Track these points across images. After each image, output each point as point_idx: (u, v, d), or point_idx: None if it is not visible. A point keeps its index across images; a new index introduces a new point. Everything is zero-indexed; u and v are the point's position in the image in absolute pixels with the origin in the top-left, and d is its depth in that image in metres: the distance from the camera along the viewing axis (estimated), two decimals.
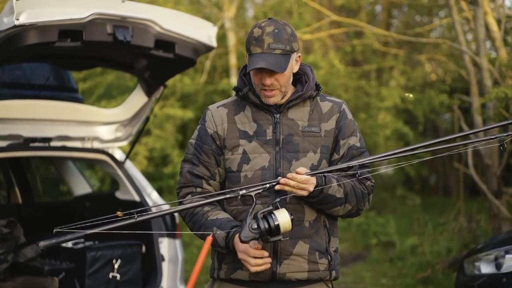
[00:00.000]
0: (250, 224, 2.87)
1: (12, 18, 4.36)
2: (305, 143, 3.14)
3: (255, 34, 3.06)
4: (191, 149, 3.26)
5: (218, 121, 3.21)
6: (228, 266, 3.16)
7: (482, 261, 5.15)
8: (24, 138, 5.66)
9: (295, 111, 3.19)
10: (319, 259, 3.14)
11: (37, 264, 5.66)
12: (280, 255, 3.09)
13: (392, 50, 14.14)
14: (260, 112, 3.19)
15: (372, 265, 9.71)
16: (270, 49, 3.03)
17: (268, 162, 3.11)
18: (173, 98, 13.00)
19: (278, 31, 3.05)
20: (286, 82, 3.12)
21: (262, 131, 3.15)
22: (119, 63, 5.81)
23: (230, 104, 3.26)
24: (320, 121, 3.19)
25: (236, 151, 3.16)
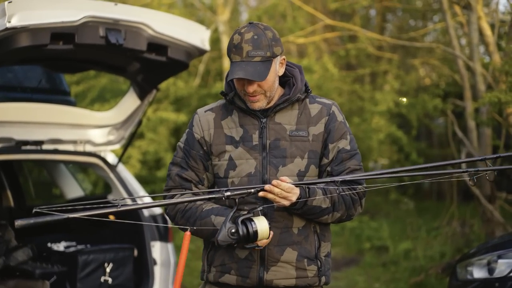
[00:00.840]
0: (229, 229, 2.85)
1: (3, 20, 4.34)
2: (292, 148, 3.09)
3: (234, 41, 3.02)
4: (180, 153, 3.23)
5: (205, 126, 3.18)
6: (217, 269, 3.15)
7: (474, 265, 5.13)
8: (16, 141, 5.64)
9: (282, 115, 3.14)
10: (308, 266, 3.12)
11: (28, 267, 5.64)
12: (267, 262, 3.07)
13: (386, 54, 14.15)
14: (247, 117, 3.15)
15: (365, 270, 9.70)
16: (249, 57, 2.98)
17: (254, 168, 3.08)
18: (166, 101, 12.99)
19: (258, 37, 3.01)
20: (270, 87, 3.07)
21: (248, 136, 3.12)
22: (112, 66, 5.79)
23: (218, 109, 3.23)
24: (309, 124, 3.14)
25: (223, 157, 3.13)
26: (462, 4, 8.14)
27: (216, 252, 3.15)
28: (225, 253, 3.10)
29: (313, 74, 12.94)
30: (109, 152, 6.36)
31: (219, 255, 3.12)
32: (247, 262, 3.07)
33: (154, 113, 12.44)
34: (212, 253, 3.17)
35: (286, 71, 3.20)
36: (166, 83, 12.35)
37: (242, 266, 3.08)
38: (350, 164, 3.14)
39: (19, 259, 5.70)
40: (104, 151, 6.30)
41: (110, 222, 6.31)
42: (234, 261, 3.10)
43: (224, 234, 2.86)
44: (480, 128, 8.40)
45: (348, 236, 11.92)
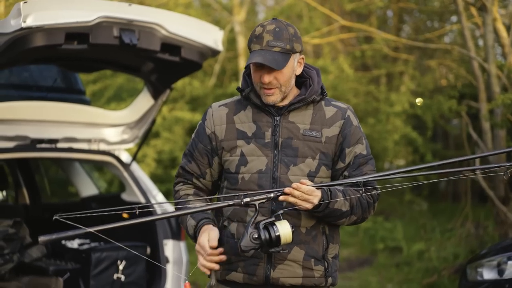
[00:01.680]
0: (251, 234, 2.86)
1: (19, 20, 4.40)
2: (305, 148, 3.09)
3: (256, 32, 3.06)
4: (190, 143, 3.30)
5: (217, 121, 3.19)
6: (223, 267, 3.15)
7: (484, 267, 5.14)
8: (31, 139, 5.70)
9: (296, 114, 3.14)
10: (315, 265, 3.12)
11: (42, 264, 5.70)
12: (274, 260, 3.07)
13: (403, 55, 14.13)
14: (261, 114, 3.15)
15: (379, 270, 9.71)
16: (268, 46, 3.01)
17: (265, 166, 3.08)
18: (182, 101, 13.05)
19: (279, 30, 3.04)
20: (286, 82, 3.08)
21: (261, 133, 3.12)
22: (126, 66, 5.84)
23: (232, 104, 3.24)
24: (322, 126, 3.13)
25: (234, 153, 3.13)
26: (477, 6, 8.12)
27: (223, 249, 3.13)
28: (232, 250, 3.10)
29: (328, 75, 12.95)
30: (123, 151, 6.41)
31: (226, 252, 3.12)
32: (254, 260, 3.08)
33: (170, 112, 12.51)
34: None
35: (303, 72, 3.21)
36: (182, 82, 12.42)
37: (249, 264, 3.09)
38: (366, 169, 3.15)
39: (33, 256, 5.77)
40: (118, 150, 6.35)
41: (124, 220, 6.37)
42: (241, 259, 3.10)
43: (246, 239, 2.87)
44: (495, 130, 8.38)
45: (362, 236, 11.93)
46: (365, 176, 3.09)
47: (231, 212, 3.13)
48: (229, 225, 3.13)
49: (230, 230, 3.13)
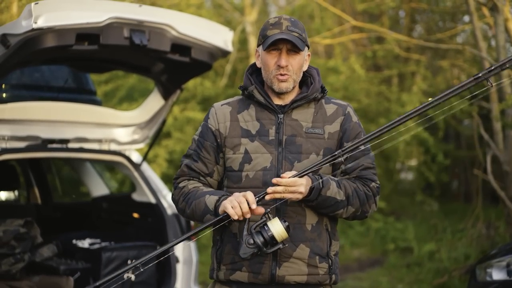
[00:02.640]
0: (246, 240, 2.89)
1: (30, 21, 4.43)
2: (308, 145, 3.12)
3: (271, 22, 3.13)
4: (193, 145, 3.28)
5: (221, 119, 3.21)
6: (227, 267, 3.16)
7: (494, 267, 5.13)
8: (42, 139, 5.74)
9: (299, 112, 3.18)
10: (319, 263, 3.13)
11: (53, 263, 5.74)
12: (280, 258, 3.08)
13: (414, 56, 14.09)
14: (264, 112, 3.18)
15: (389, 271, 9.70)
16: (288, 30, 3.07)
17: (270, 163, 3.10)
18: (193, 101, 13.07)
19: (294, 20, 3.13)
20: (299, 70, 3.14)
21: (265, 131, 3.15)
22: (136, 67, 5.87)
23: (234, 103, 3.26)
24: (324, 123, 3.18)
25: (238, 150, 3.15)
26: (489, 6, 8.11)
27: (224, 250, 3.17)
28: (235, 250, 3.11)
29: (340, 75, 12.94)
30: (133, 151, 6.44)
31: (229, 252, 3.14)
32: (259, 258, 3.07)
33: (181, 112, 12.53)
34: (221, 251, 3.18)
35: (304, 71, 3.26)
36: (193, 83, 12.44)
37: (254, 262, 3.09)
38: (363, 161, 3.19)
39: (44, 255, 5.80)
40: (129, 150, 6.38)
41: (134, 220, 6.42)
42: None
43: (243, 247, 2.90)
44: (506, 130, 8.36)
45: (373, 237, 11.92)
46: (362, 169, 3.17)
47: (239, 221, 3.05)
48: (230, 224, 3.11)
49: (231, 229, 3.14)
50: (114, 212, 6.82)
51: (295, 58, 3.11)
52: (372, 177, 3.20)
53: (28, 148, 5.69)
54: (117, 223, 6.68)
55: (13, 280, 5.52)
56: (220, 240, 3.19)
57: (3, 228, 5.61)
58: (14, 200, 7.14)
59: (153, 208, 6.06)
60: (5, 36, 4.60)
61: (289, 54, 3.10)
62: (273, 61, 3.11)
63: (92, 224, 6.87)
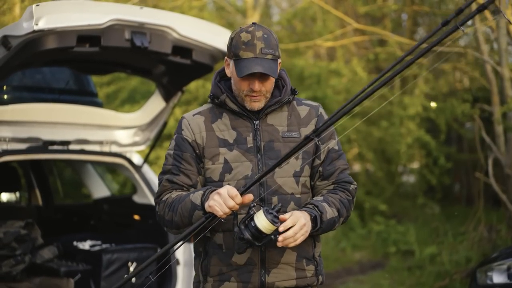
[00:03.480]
0: (237, 236, 2.87)
1: (31, 23, 4.43)
2: (286, 149, 3.06)
3: (243, 39, 3.02)
4: (169, 160, 3.16)
5: (196, 130, 3.12)
6: (214, 279, 3.11)
7: (494, 270, 5.14)
8: (43, 141, 5.74)
9: (273, 117, 3.15)
10: (306, 266, 3.13)
11: (54, 265, 5.74)
12: (268, 264, 3.06)
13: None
14: (239, 120, 3.13)
15: (390, 273, 9.70)
16: (262, 54, 3.00)
17: (251, 171, 3.06)
18: (195, 103, 13.06)
19: (267, 37, 3.04)
20: (271, 89, 3.11)
21: (242, 139, 3.10)
22: (137, 69, 5.87)
23: (206, 112, 3.18)
24: (300, 126, 3.17)
25: (217, 160, 3.09)
26: (491, 9, 8.11)
27: (210, 262, 3.10)
28: (222, 261, 3.07)
29: (342, 78, 12.94)
30: (134, 153, 6.44)
31: (215, 264, 3.09)
32: (247, 267, 3.05)
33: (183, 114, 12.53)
34: (207, 263, 3.11)
35: None
36: (195, 85, 12.44)
37: (243, 272, 3.05)
38: (339, 164, 3.19)
39: (45, 257, 5.81)
40: (130, 152, 6.38)
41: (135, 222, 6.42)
42: (233, 269, 3.07)
43: (236, 243, 2.89)
44: (508, 133, 8.36)
45: (374, 239, 11.92)
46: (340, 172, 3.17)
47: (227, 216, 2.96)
48: (213, 236, 3.07)
49: (215, 241, 3.08)
50: (115, 214, 6.83)
51: (268, 81, 3.06)
52: (349, 179, 3.21)
53: (29, 149, 5.69)
54: (118, 225, 6.69)
55: (14, 282, 5.52)
56: (204, 252, 3.13)
57: (3, 229, 5.62)
58: (15, 201, 7.15)
59: (154, 210, 6.01)
60: (6, 37, 4.60)
61: (262, 78, 3.04)
62: (245, 85, 3.05)
63: (93, 226, 6.88)
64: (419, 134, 12.71)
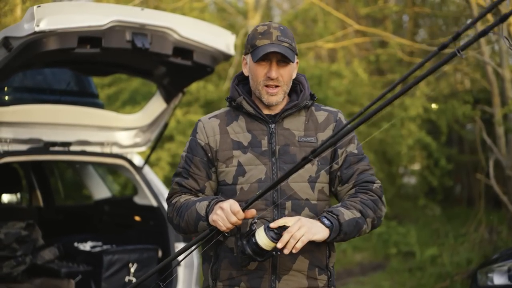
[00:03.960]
0: (239, 250, 2.85)
1: (32, 24, 4.44)
2: (302, 154, 3.01)
3: (259, 30, 3.04)
4: (181, 162, 3.18)
5: (210, 133, 3.11)
6: (224, 283, 3.06)
7: (495, 272, 5.13)
8: (44, 142, 5.75)
9: (290, 121, 3.11)
10: (319, 275, 3.06)
11: (55, 266, 5.75)
12: (279, 271, 3.00)
13: (417, 60, 14.08)
14: (255, 123, 3.10)
15: (391, 275, 9.69)
16: (278, 40, 2.99)
17: (264, 174, 3.01)
18: (196, 104, 13.07)
19: (284, 29, 3.05)
20: (289, 81, 3.07)
21: (257, 142, 3.06)
22: (138, 70, 5.88)
23: (222, 115, 3.17)
24: (317, 130, 3.11)
25: (231, 163, 3.06)
26: (492, 11, 8.11)
27: (221, 266, 3.06)
28: (232, 266, 3.03)
29: (343, 79, 12.94)
30: (135, 154, 6.44)
31: (225, 268, 3.05)
32: (258, 273, 3.00)
33: (184, 116, 12.53)
34: (217, 267, 3.07)
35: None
36: (196, 86, 12.45)
37: (253, 277, 3.01)
38: (358, 166, 3.11)
39: (45, 258, 5.81)
40: (131, 153, 6.39)
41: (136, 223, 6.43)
42: (243, 273, 3.02)
43: (239, 257, 2.87)
44: (508, 134, 8.36)
45: (375, 241, 11.91)
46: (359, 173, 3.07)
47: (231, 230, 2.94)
48: (226, 239, 3.03)
49: (227, 244, 3.04)
50: (116, 215, 6.83)
51: (286, 69, 3.03)
52: (371, 178, 3.11)
53: (30, 151, 5.70)
54: (118, 226, 6.69)
55: (15, 283, 5.53)
56: (215, 255, 3.08)
57: (4, 230, 5.63)
58: (16, 202, 7.15)
59: (154, 211, 6.06)
60: (8, 39, 4.60)
61: (279, 65, 3.02)
62: (262, 72, 3.03)
63: (93, 227, 6.89)
64: (420, 135, 12.70)
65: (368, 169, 3.13)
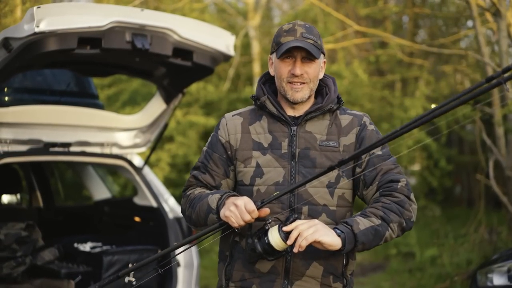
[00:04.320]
0: (249, 247, 2.83)
1: (32, 25, 4.44)
2: (323, 158, 2.97)
3: (285, 28, 2.99)
4: (201, 157, 3.17)
5: (232, 131, 3.08)
6: (236, 284, 3.03)
7: (495, 272, 5.12)
8: (44, 143, 5.75)
9: (313, 124, 3.03)
10: (333, 282, 2.99)
11: (54, 267, 5.75)
12: (292, 276, 2.94)
13: (417, 61, 14.10)
14: (277, 124, 3.04)
15: (391, 276, 9.69)
16: (303, 37, 2.94)
17: (282, 177, 2.96)
18: (196, 105, 13.09)
19: (309, 27, 3.01)
20: (315, 78, 3.01)
21: (277, 144, 3.00)
22: (138, 71, 5.88)
23: (246, 113, 3.13)
24: (339, 135, 3.02)
25: (249, 164, 3.01)
26: (492, 11, 8.11)
27: (234, 266, 3.03)
28: (245, 267, 3.00)
29: (343, 80, 12.94)
30: (135, 155, 6.44)
31: (238, 269, 3.02)
32: (270, 276, 2.96)
33: (184, 116, 12.55)
34: (230, 268, 3.04)
35: (320, 80, 3.12)
36: (196, 87, 12.46)
37: (265, 280, 2.97)
38: (382, 166, 2.97)
39: (45, 259, 5.81)
40: (131, 154, 6.39)
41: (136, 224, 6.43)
42: (255, 276, 2.98)
43: (248, 253, 2.86)
44: (508, 135, 8.36)
45: None
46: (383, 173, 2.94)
47: (242, 227, 2.91)
48: (241, 240, 3.01)
49: (242, 245, 3.00)
50: (115, 215, 6.83)
51: (311, 66, 2.97)
52: (395, 176, 2.94)
53: (30, 151, 5.70)
54: (118, 227, 6.69)
55: (14, 283, 5.53)
56: (230, 256, 3.05)
57: (4, 231, 5.63)
58: (16, 203, 7.15)
59: (154, 212, 6.07)
60: (8, 39, 4.61)
61: (304, 62, 2.96)
62: (287, 69, 2.98)
63: (93, 228, 6.89)
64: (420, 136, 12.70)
65: (393, 168, 2.98)
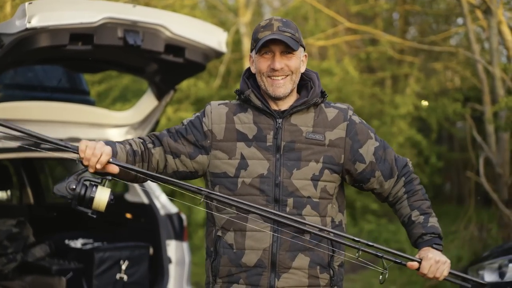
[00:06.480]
0: (70, 183, 2.78)
1: (24, 21, 4.41)
2: (308, 151, 2.98)
3: (262, 24, 3.02)
4: (179, 125, 3.12)
5: (216, 119, 3.06)
6: (223, 280, 3.03)
7: (486, 269, 5.14)
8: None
9: (298, 117, 3.03)
10: (320, 273, 3.02)
11: (46, 263, 5.74)
12: (278, 268, 2.96)
13: (408, 58, 14.13)
14: (262, 116, 3.03)
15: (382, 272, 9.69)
16: (280, 31, 2.95)
17: (267, 170, 2.96)
18: (187, 101, 13.07)
19: (286, 21, 3.01)
20: (296, 70, 3.02)
21: (263, 136, 3.00)
22: (130, 67, 5.87)
23: (231, 104, 3.12)
24: (325, 128, 3.04)
25: (234, 156, 3.00)
26: (482, 9, 8.14)
27: (220, 262, 3.03)
28: (231, 262, 3.00)
29: (333, 77, 12.96)
30: None
31: (224, 264, 3.01)
32: (257, 270, 2.96)
33: (175, 113, 12.52)
34: (216, 263, 3.04)
35: (303, 74, 3.14)
36: (187, 83, 12.43)
37: (252, 274, 2.97)
38: (388, 157, 3.11)
39: (36, 256, 5.80)
40: None
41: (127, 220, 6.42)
42: (242, 270, 2.98)
43: (62, 185, 2.79)
44: (499, 132, 8.37)
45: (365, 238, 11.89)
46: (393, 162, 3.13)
47: (226, 221, 2.98)
48: (224, 235, 3.01)
49: (226, 240, 3.01)
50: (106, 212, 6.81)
51: (290, 59, 2.98)
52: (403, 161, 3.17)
53: (21, 148, 5.67)
54: (110, 224, 6.67)
55: (5, 280, 5.51)
56: (215, 251, 3.05)
57: None
58: (6, 200, 7.12)
59: (145, 208, 6.06)
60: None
61: (283, 56, 2.97)
62: (266, 64, 2.99)
63: (85, 224, 6.86)
64: (410, 133, 12.74)
65: (393, 153, 3.17)
